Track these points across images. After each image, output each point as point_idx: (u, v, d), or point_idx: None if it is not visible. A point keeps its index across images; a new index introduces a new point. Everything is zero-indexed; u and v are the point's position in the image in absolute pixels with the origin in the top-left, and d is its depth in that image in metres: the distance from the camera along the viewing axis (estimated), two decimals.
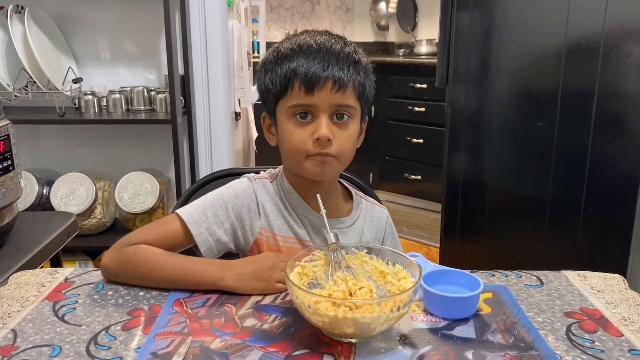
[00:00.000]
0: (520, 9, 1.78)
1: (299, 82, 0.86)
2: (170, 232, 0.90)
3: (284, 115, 0.90)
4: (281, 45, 0.92)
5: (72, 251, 2.20)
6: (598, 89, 1.60)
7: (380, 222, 1.05)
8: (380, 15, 4.22)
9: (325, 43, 0.89)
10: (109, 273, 0.88)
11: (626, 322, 0.76)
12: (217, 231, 0.92)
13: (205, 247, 0.91)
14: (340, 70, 0.87)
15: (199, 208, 0.92)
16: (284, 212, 0.96)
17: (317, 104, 0.87)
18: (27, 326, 0.74)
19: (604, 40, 1.58)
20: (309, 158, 0.89)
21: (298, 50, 0.88)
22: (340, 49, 0.89)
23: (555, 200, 1.74)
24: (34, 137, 2.32)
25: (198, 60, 2.21)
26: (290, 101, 0.88)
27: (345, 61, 0.88)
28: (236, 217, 0.94)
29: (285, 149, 0.93)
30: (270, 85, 0.91)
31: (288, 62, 0.88)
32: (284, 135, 0.91)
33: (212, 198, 0.94)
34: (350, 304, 0.68)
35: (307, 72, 0.86)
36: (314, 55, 0.87)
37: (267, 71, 0.92)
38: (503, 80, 1.85)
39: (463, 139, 2.00)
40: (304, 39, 0.90)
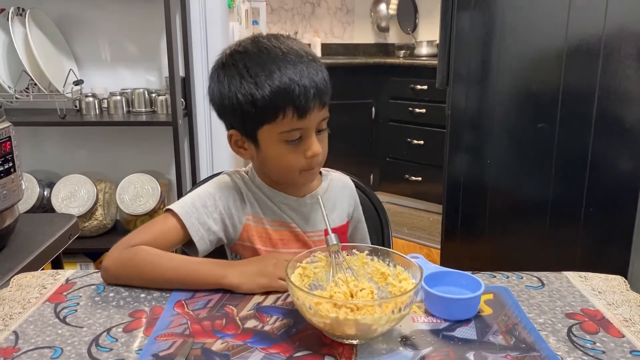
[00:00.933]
0: (520, 11, 1.79)
1: (291, 110, 0.87)
2: (165, 230, 0.93)
3: (271, 139, 0.91)
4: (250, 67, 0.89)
5: (73, 253, 2.20)
6: (598, 90, 1.60)
7: (348, 187, 1.10)
8: (380, 17, 4.22)
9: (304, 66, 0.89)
10: (111, 276, 0.88)
11: (627, 323, 0.76)
12: (207, 221, 0.94)
13: (198, 237, 0.93)
14: (323, 91, 0.90)
15: (188, 201, 0.95)
16: (266, 200, 1.00)
17: (308, 126, 0.90)
18: (28, 328, 0.74)
19: (604, 42, 1.58)
20: (302, 173, 0.94)
21: (282, 79, 0.87)
22: (316, 67, 0.90)
23: (556, 202, 1.74)
24: (35, 139, 2.32)
25: (199, 62, 2.21)
26: (281, 127, 0.89)
27: (324, 79, 0.91)
28: (224, 206, 0.97)
29: (273, 168, 0.96)
30: (250, 110, 0.89)
31: (274, 91, 0.87)
32: (273, 157, 0.94)
33: (199, 192, 0.98)
34: (352, 305, 0.68)
35: (299, 100, 0.87)
36: (301, 81, 0.87)
37: (246, 89, 0.89)
38: (504, 81, 1.86)
39: (464, 140, 2.00)
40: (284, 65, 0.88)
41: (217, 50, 2.18)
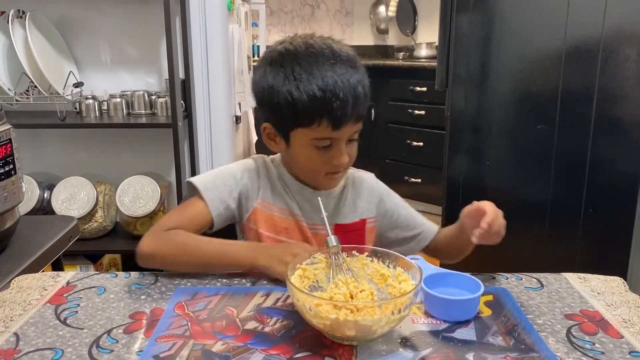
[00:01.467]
0: (519, 12, 1.79)
1: (326, 121, 0.90)
2: (196, 213, 0.97)
3: (302, 142, 0.95)
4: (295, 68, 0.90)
5: (73, 255, 2.20)
6: (597, 91, 1.61)
7: (370, 185, 1.10)
8: (380, 19, 4.22)
9: (348, 77, 0.89)
10: (147, 257, 0.92)
11: (626, 324, 0.76)
12: (227, 199, 0.99)
13: (216, 214, 0.97)
14: (362, 106, 0.91)
15: (211, 178, 1.01)
16: (280, 188, 1.03)
17: (340, 136, 0.93)
18: (29, 330, 0.74)
19: (602, 44, 1.58)
20: (326, 175, 0.97)
21: (324, 89, 0.88)
22: (357, 80, 0.91)
23: (555, 203, 1.75)
24: (35, 141, 2.32)
25: (199, 64, 2.21)
26: (314, 134, 0.92)
27: (364, 94, 0.92)
28: (243, 187, 1.01)
29: (300, 168, 1.01)
30: (287, 111, 0.91)
31: (312, 99, 0.88)
32: (301, 157, 0.97)
33: (222, 170, 1.03)
34: (352, 307, 0.68)
35: (335, 113, 0.89)
36: (341, 94, 0.88)
37: (286, 88, 0.90)
38: (503, 83, 1.86)
39: (463, 141, 2.01)
40: (328, 74, 0.89)
41: (217, 53, 2.21)
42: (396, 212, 1.10)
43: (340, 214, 1.04)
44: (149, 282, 0.89)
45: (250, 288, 0.87)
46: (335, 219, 1.04)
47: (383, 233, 1.10)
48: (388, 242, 1.10)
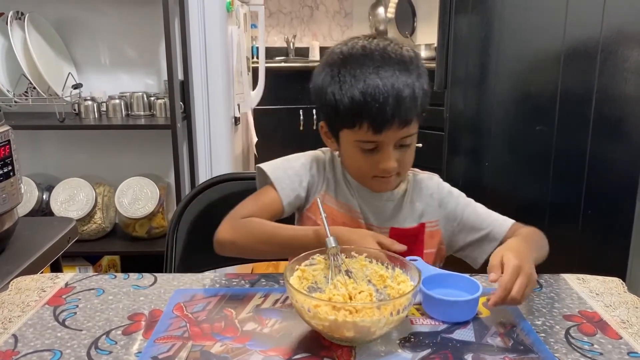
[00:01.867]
0: (518, 14, 1.79)
1: (367, 124, 0.89)
2: (268, 201, 0.99)
3: (349, 143, 0.95)
4: (343, 70, 0.90)
5: (72, 256, 2.20)
6: (596, 92, 1.61)
7: (430, 188, 1.06)
8: (378, 20, 4.23)
9: (393, 81, 0.88)
10: (227, 245, 0.93)
11: (625, 325, 0.76)
12: (297, 188, 1.01)
13: (287, 202, 0.99)
14: (405, 111, 0.89)
15: (282, 166, 1.02)
16: (343, 184, 1.03)
17: (383, 140, 0.91)
18: (27, 331, 0.74)
19: (601, 45, 1.58)
20: (374, 178, 0.96)
21: (365, 92, 0.88)
22: (405, 83, 0.89)
23: (554, 204, 1.75)
24: (34, 142, 2.32)
25: (197, 66, 2.21)
26: (356, 136, 0.92)
27: (412, 98, 0.89)
28: (311, 177, 1.03)
29: (348, 167, 1.01)
30: (333, 111, 0.92)
31: (356, 102, 0.88)
32: (348, 158, 0.98)
33: (292, 161, 1.03)
34: (350, 308, 0.68)
35: (375, 116, 0.88)
36: (381, 98, 0.87)
37: (332, 89, 0.91)
38: (502, 84, 1.86)
39: (462, 143, 2.01)
40: (371, 77, 0.88)
41: (216, 54, 2.21)
42: (459, 214, 1.05)
43: (398, 218, 1.02)
44: (148, 284, 0.89)
45: (249, 289, 0.87)
46: (393, 222, 1.02)
47: (450, 238, 1.06)
48: (457, 248, 1.06)
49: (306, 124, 3.52)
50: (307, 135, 3.47)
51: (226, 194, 1.21)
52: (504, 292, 0.76)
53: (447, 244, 1.06)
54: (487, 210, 1.05)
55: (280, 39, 4.16)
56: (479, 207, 1.05)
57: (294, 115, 3.52)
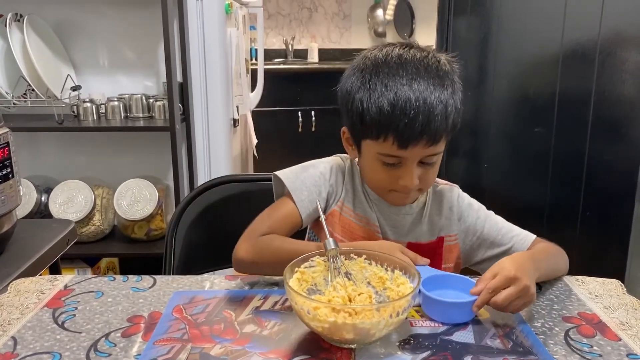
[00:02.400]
0: (516, 16, 1.80)
1: (392, 138, 0.85)
2: (286, 214, 0.96)
3: (370, 154, 0.91)
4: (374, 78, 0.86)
5: (70, 258, 2.20)
6: (594, 94, 1.61)
7: (449, 201, 1.03)
8: (377, 22, 4.23)
9: (426, 95, 0.84)
10: (246, 264, 0.90)
11: (624, 327, 0.76)
12: (316, 199, 0.96)
13: (306, 215, 0.96)
14: (435, 129, 0.84)
15: (300, 176, 0.98)
16: (362, 195, 1.00)
17: (407, 156, 0.87)
18: (27, 333, 0.74)
19: (599, 47, 1.59)
20: (392, 192, 0.93)
21: (394, 104, 0.83)
22: (438, 99, 0.84)
23: (553, 205, 1.75)
24: (32, 144, 2.32)
25: (196, 68, 2.21)
26: (379, 148, 0.88)
27: (444, 115, 0.85)
28: (330, 186, 0.99)
29: (367, 178, 0.98)
30: (358, 119, 0.88)
31: (384, 113, 0.84)
32: (369, 169, 0.94)
33: (311, 170, 0.99)
34: (350, 310, 0.68)
35: (403, 131, 0.84)
36: (412, 113, 0.83)
37: (360, 96, 0.87)
38: (500, 86, 1.86)
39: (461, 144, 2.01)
40: (403, 89, 0.84)
41: (215, 56, 2.21)
42: (479, 228, 1.01)
43: (416, 232, 0.99)
44: (147, 286, 0.89)
45: (248, 291, 0.87)
46: (411, 237, 0.99)
47: (468, 252, 1.03)
48: (475, 262, 1.02)
49: (305, 126, 3.52)
50: (306, 137, 3.47)
51: (225, 195, 1.21)
52: (487, 295, 0.75)
53: (464, 257, 1.03)
54: (507, 224, 1.01)
55: (279, 41, 4.17)
56: (500, 220, 1.02)
57: (293, 116, 3.52)
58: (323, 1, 4.20)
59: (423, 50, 0.90)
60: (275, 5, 4.13)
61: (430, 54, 0.90)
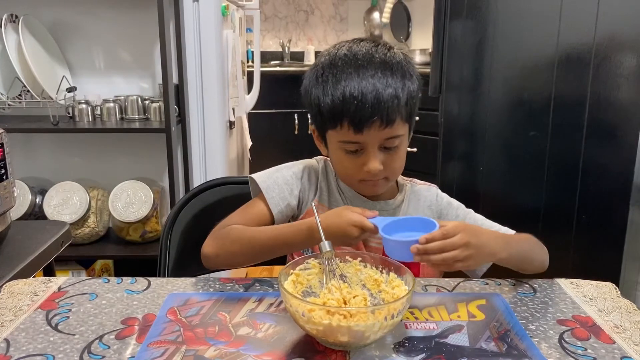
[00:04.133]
0: (512, 19, 1.80)
1: (347, 123, 0.89)
2: (257, 211, 0.99)
3: (334, 144, 0.95)
4: (327, 72, 0.91)
5: (65, 260, 2.19)
6: (590, 98, 1.62)
7: (427, 200, 1.06)
8: (374, 25, 4.24)
9: (374, 81, 0.88)
10: (211, 257, 0.93)
11: (618, 330, 0.77)
12: (288, 197, 1.01)
13: (277, 211, 0.99)
14: (386, 110, 0.88)
15: (272, 175, 1.02)
16: (336, 193, 1.03)
17: (365, 141, 0.90)
18: (20, 335, 0.74)
19: (595, 51, 1.59)
20: (361, 182, 0.95)
21: (344, 91, 0.88)
22: (386, 84, 0.88)
23: (548, 209, 1.75)
24: (27, 146, 2.31)
25: (192, 70, 2.21)
26: (339, 137, 0.92)
27: (394, 98, 0.88)
28: (302, 184, 1.03)
29: (336, 170, 1.01)
30: (317, 112, 0.93)
31: (335, 101, 0.89)
32: (336, 160, 0.98)
33: (283, 167, 1.04)
34: (345, 312, 0.68)
35: (354, 115, 0.87)
36: (360, 96, 0.87)
37: (316, 92, 0.92)
38: (496, 89, 1.87)
39: (456, 147, 2.01)
40: (352, 77, 0.88)
41: (211, 58, 2.21)
42: None
43: None
44: (141, 288, 0.88)
45: (243, 294, 0.87)
46: None
47: None
48: None
49: (301, 128, 3.52)
50: (302, 139, 3.47)
51: (220, 197, 1.21)
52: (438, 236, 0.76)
53: None
54: (487, 221, 1.03)
55: (275, 43, 4.17)
56: (480, 218, 1.03)
57: (289, 119, 3.52)
58: (320, 4, 4.21)
59: (374, 42, 0.95)
60: (272, 7, 4.13)
61: (381, 45, 0.94)
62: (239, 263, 0.95)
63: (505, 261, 0.88)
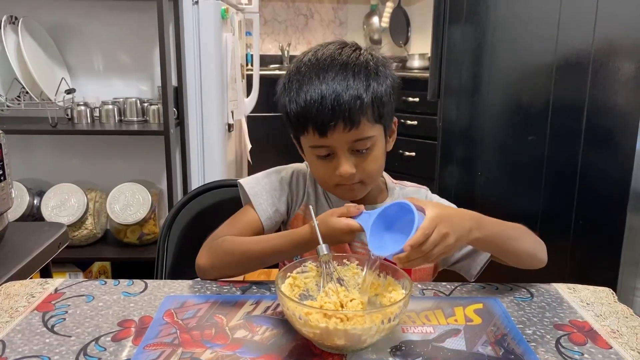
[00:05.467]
0: (511, 24, 1.81)
1: (312, 128, 0.89)
2: (246, 219, 0.99)
3: (306, 149, 0.95)
4: (293, 79, 0.91)
5: (62, 262, 2.19)
6: (588, 103, 1.62)
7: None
8: (373, 30, 4.25)
9: (334, 84, 0.87)
10: (206, 269, 0.93)
11: (615, 335, 0.77)
12: (276, 203, 1.01)
13: (265, 217, 0.99)
14: (350, 112, 0.86)
15: (261, 182, 1.02)
16: (322, 197, 1.03)
17: (333, 144, 0.89)
18: (16, 337, 0.74)
19: (593, 56, 1.60)
20: (337, 187, 0.94)
21: (306, 96, 0.88)
22: (347, 85, 0.87)
23: (545, 214, 1.75)
24: (26, 147, 2.31)
25: (191, 72, 2.21)
26: (308, 142, 0.92)
27: (356, 99, 0.87)
28: (291, 190, 1.03)
29: (314, 177, 1.01)
30: (287, 120, 0.93)
31: (298, 108, 0.89)
32: (311, 167, 0.98)
33: (271, 172, 1.04)
34: (342, 316, 0.68)
35: (316, 118, 0.87)
36: (321, 100, 0.86)
37: (283, 100, 0.92)
38: (494, 94, 1.87)
39: (455, 152, 2.01)
40: (314, 82, 0.88)
41: (210, 61, 2.21)
42: None
43: None
44: (138, 290, 0.88)
45: (240, 296, 0.87)
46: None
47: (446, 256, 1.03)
48: (452, 262, 1.02)
49: None
50: None
51: (219, 200, 1.21)
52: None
53: (441, 260, 1.03)
54: None
55: (274, 47, 4.18)
56: None
57: None
58: (319, 8, 4.22)
59: (341, 45, 0.94)
60: (272, 11, 4.14)
61: (347, 46, 0.94)
62: (234, 274, 0.94)
63: (483, 243, 0.86)
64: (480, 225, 0.84)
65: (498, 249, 0.91)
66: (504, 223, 0.92)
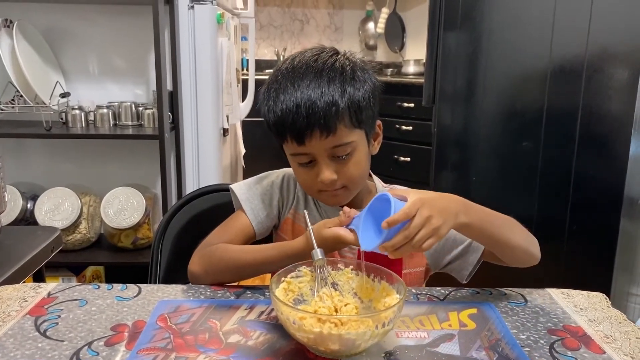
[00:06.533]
0: (505, 31, 1.82)
1: (289, 136, 0.89)
2: (238, 225, 0.99)
3: (289, 157, 0.96)
4: (271, 88, 0.91)
5: (55, 266, 2.18)
6: (581, 109, 1.63)
7: None
8: (368, 35, 4.27)
9: (308, 91, 0.87)
10: (198, 275, 0.93)
11: (608, 340, 0.77)
12: (267, 207, 1.01)
13: (257, 222, 1.00)
14: (325, 119, 0.86)
15: (252, 186, 1.02)
16: (311, 202, 1.03)
17: (311, 151, 0.90)
18: (7, 341, 0.73)
19: (587, 63, 1.61)
20: (321, 192, 0.95)
21: (282, 105, 0.88)
22: (322, 92, 0.87)
23: (540, 219, 1.76)
24: (19, 151, 2.30)
25: (187, 77, 2.21)
26: (288, 150, 0.93)
27: (330, 106, 0.86)
28: (281, 194, 1.03)
29: (299, 183, 1.01)
30: (267, 128, 0.94)
31: (276, 117, 0.89)
32: (295, 173, 0.98)
33: (262, 177, 1.05)
34: (336, 320, 0.68)
35: (292, 127, 0.88)
36: (296, 109, 0.87)
37: (263, 109, 0.93)
38: (489, 100, 1.88)
39: (449, 157, 2.02)
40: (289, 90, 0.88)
41: (206, 65, 2.21)
42: None
43: None
44: (132, 295, 0.88)
45: (234, 301, 0.87)
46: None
47: (436, 258, 1.02)
48: (443, 264, 1.02)
49: None
50: None
51: (213, 205, 1.21)
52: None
53: (432, 263, 1.03)
54: None
55: (270, 52, 4.18)
56: None
57: None
58: (315, 13, 4.23)
59: (319, 51, 0.94)
60: (268, 16, 4.15)
61: (325, 52, 0.93)
62: (227, 281, 0.94)
63: (471, 230, 0.84)
64: (468, 210, 0.82)
65: (488, 238, 0.88)
66: (493, 211, 0.90)
